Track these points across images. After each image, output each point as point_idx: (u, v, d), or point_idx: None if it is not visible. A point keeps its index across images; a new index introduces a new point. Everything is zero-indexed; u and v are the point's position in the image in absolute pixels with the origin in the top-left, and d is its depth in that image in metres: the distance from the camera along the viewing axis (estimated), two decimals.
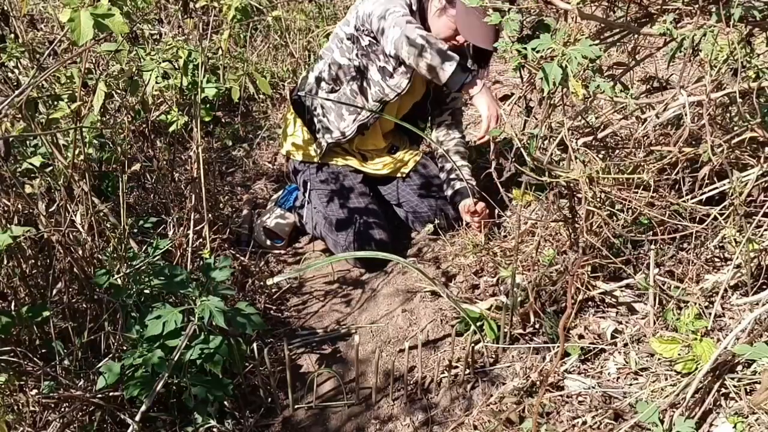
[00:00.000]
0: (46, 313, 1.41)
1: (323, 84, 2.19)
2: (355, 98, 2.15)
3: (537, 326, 1.68)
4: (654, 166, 1.49)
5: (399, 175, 2.38)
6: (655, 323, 1.56)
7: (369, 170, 2.34)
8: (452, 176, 2.28)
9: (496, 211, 2.10)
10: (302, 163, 2.31)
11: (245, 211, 2.45)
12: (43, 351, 1.48)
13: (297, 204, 2.39)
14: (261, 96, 3.32)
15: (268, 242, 2.32)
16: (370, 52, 2.07)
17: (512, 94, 2.02)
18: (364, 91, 2.14)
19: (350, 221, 2.17)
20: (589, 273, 1.65)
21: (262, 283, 2.06)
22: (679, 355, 1.40)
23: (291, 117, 2.33)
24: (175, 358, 1.38)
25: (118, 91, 1.97)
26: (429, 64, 1.85)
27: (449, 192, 2.27)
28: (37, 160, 1.54)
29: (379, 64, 2.08)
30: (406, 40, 1.85)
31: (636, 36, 1.54)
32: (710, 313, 1.49)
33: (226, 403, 1.52)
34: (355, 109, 2.16)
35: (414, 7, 2.01)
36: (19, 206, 1.52)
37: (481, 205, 2.11)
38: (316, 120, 2.24)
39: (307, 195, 2.30)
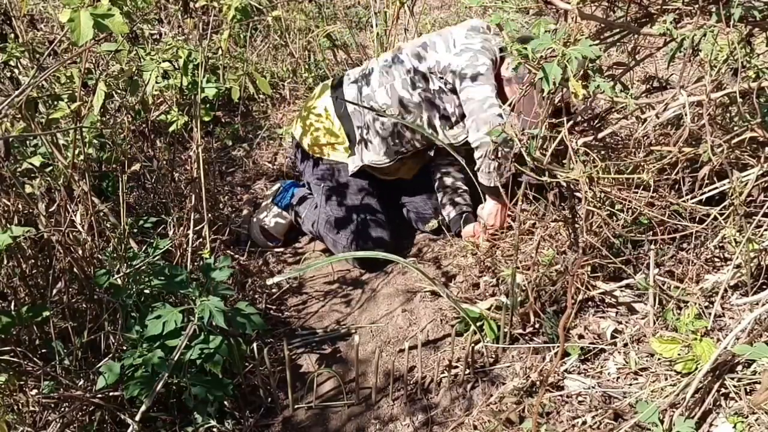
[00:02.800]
0: (46, 313, 1.41)
1: (373, 104, 2.11)
2: (404, 131, 2.11)
3: (537, 326, 1.68)
4: (654, 166, 1.49)
5: (406, 176, 2.35)
6: (655, 323, 1.56)
7: (382, 176, 2.29)
8: (451, 200, 2.26)
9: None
10: (305, 153, 2.27)
11: (245, 211, 2.45)
12: (43, 351, 1.48)
13: (294, 201, 2.38)
14: (261, 96, 3.31)
15: (266, 242, 2.32)
16: (436, 97, 2.06)
17: None
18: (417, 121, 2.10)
19: (350, 220, 2.16)
20: (589, 273, 1.65)
21: (262, 283, 2.06)
22: (679, 355, 1.40)
23: (315, 108, 2.23)
24: (175, 358, 1.38)
25: (118, 91, 1.97)
26: (489, 168, 1.97)
27: (450, 215, 2.23)
28: (37, 160, 1.54)
29: (442, 112, 2.07)
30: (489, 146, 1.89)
31: (636, 36, 1.54)
32: (710, 313, 1.49)
33: (226, 403, 1.52)
34: (400, 142, 2.13)
35: (497, 60, 2.02)
36: (19, 206, 1.52)
37: (477, 229, 2.10)
38: (358, 134, 2.16)
39: (307, 189, 2.28)
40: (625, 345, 1.55)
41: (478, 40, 1.99)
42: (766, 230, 1.55)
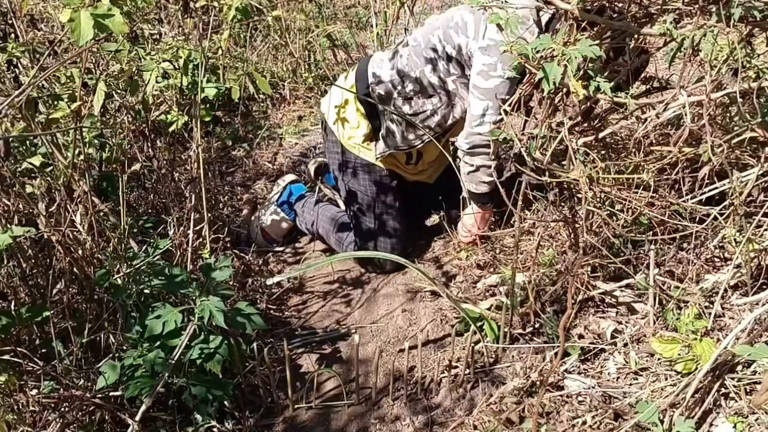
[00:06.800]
0: (46, 313, 1.41)
1: (401, 90, 2.02)
2: (434, 115, 2.01)
3: (537, 326, 1.68)
4: (654, 166, 1.49)
5: (429, 180, 2.29)
6: (655, 323, 1.56)
7: (408, 175, 2.23)
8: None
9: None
10: (336, 143, 2.17)
11: (245, 211, 2.45)
12: (43, 351, 1.48)
13: (292, 200, 2.38)
14: (261, 96, 3.31)
15: (266, 242, 2.32)
16: (458, 84, 1.97)
17: None
18: (448, 110, 2.02)
19: (364, 223, 2.12)
20: (589, 273, 1.65)
21: (262, 283, 2.06)
22: (679, 355, 1.40)
23: (352, 96, 2.13)
24: (175, 358, 1.38)
25: (118, 91, 1.97)
26: (479, 166, 1.92)
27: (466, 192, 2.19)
28: (37, 160, 1.54)
29: (464, 106, 1.99)
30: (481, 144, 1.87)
31: (636, 36, 1.54)
32: (710, 313, 1.49)
33: (226, 403, 1.52)
34: (429, 126, 2.04)
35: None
36: (19, 206, 1.52)
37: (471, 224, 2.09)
38: (382, 121, 2.08)
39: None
40: (625, 345, 1.55)
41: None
42: (766, 230, 1.55)
